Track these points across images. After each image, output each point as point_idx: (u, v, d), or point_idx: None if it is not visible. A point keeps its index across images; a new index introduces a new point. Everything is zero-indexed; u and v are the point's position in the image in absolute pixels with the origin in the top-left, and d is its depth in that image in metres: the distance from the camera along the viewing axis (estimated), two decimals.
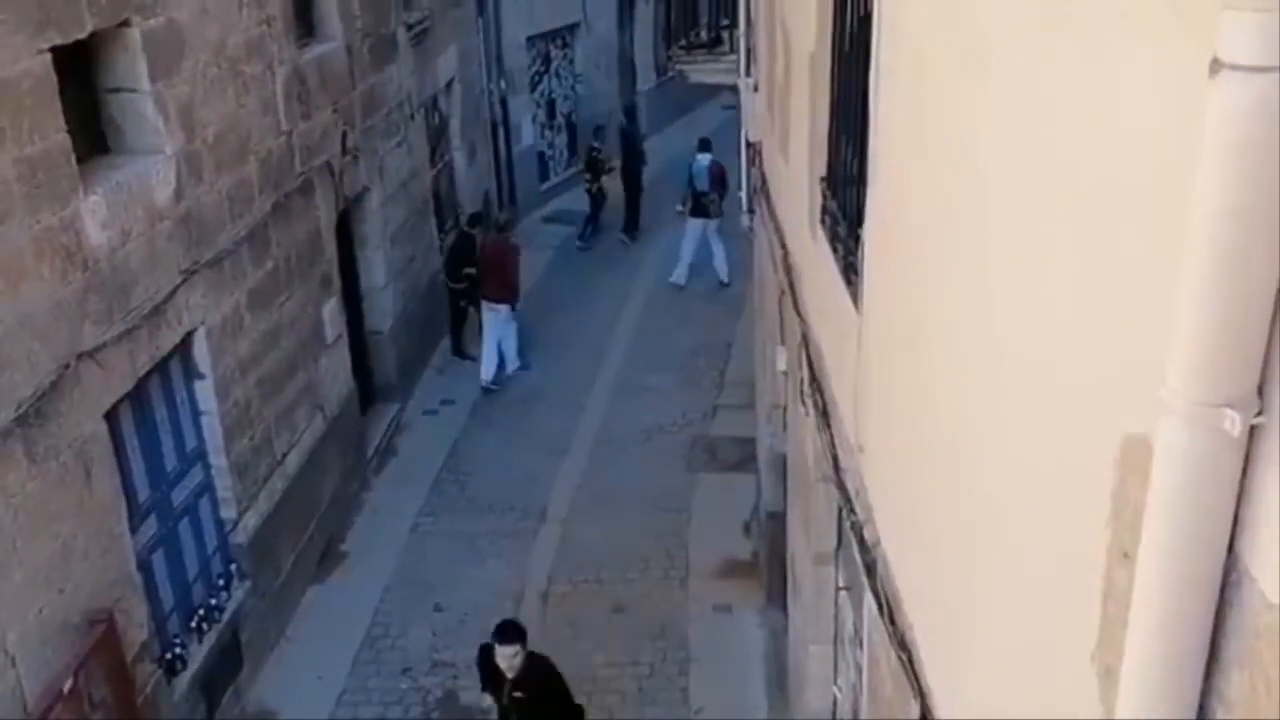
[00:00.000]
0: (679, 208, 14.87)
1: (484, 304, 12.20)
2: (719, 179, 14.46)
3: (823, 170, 4.81)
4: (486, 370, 12.19)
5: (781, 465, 7.55)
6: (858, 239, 3.90)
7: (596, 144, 15.92)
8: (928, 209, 2.82)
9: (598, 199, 16.09)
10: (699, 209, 14.57)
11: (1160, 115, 1.46)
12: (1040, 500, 1.94)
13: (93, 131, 6.65)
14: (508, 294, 12.15)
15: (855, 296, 3.95)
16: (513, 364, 12.43)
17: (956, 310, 2.51)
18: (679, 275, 14.58)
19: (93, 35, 6.19)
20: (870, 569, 3.48)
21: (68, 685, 5.58)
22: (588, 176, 16.08)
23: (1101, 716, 1.64)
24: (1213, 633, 1.34)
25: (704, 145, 14.78)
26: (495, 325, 12.20)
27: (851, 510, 3.94)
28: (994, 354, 2.22)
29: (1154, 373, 1.39)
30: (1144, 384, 1.45)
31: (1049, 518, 1.90)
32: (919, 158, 2.95)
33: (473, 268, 12.32)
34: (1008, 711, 2.14)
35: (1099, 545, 1.64)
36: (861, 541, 3.67)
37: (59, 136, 5.78)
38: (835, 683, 5.54)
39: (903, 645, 3.03)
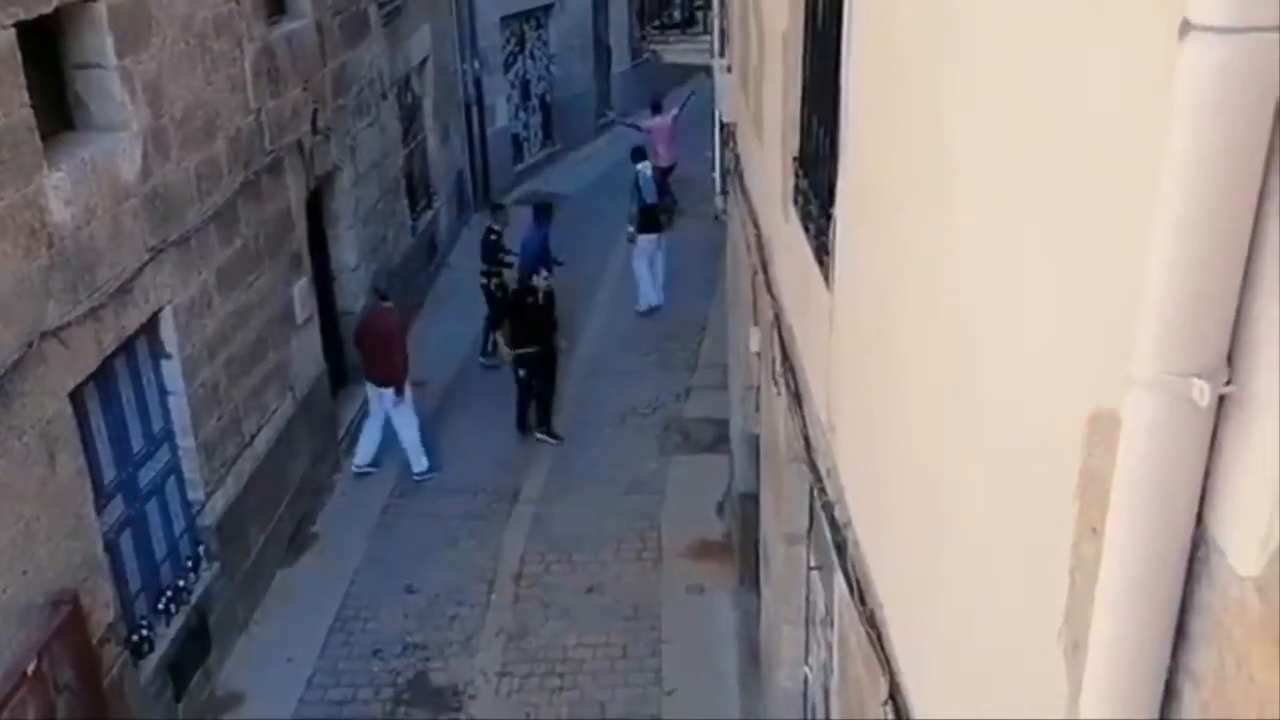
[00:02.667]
0: (630, 229, 13.42)
1: (368, 385, 10.26)
2: (667, 186, 13.49)
3: (795, 150, 4.79)
4: (363, 453, 10.37)
5: (754, 446, 7.55)
6: (830, 218, 3.88)
7: (496, 226, 12.42)
8: (899, 187, 2.80)
9: (496, 299, 12.18)
10: (651, 224, 13.24)
11: (1130, 84, 1.44)
12: (1008, 477, 1.94)
13: (58, 107, 6.54)
14: (392, 374, 10.00)
15: (827, 276, 3.93)
16: (418, 465, 10.26)
17: (927, 288, 2.50)
18: (646, 298, 13.35)
19: (58, 10, 6.08)
20: (840, 548, 3.48)
21: (31, 667, 5.52)
22: (483, 269, 12.37)
23: (1068, 691, 1.64)
24: (1181, 607, 1.33)
25: (639, 155, 13.65)
26: (382, 410, 10.22)
27: (823, 490, 3.94)
28: (963, 330, 2.21)
29: (1122, 346, 1.37)
30: (1112, 358, 1.44)
31: (1017, 494, 1.89)
32: (891, 135, 2.93)
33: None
34: (975, 687, 2.14)
35: (1067, 521, 1.63)
36: (832, 521, 3.67)
37: (23, 111, 5.68)
38: (806, 662, 5.56)
39: (872, 623, 3.03)
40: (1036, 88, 1.81)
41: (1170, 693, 1.36)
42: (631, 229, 13.44)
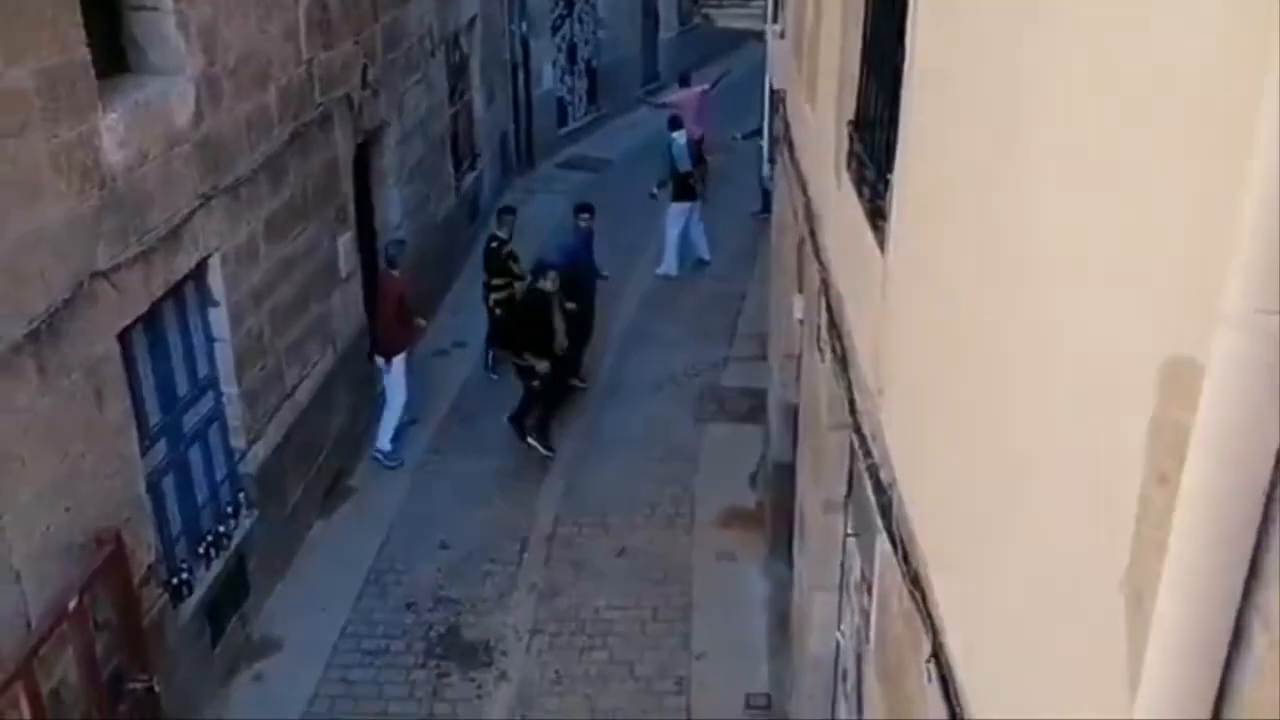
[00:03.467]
0: (654, 190, 13.90)
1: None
2: (700, 155, 13.85)
3: (851, 114, 4.73)
4: (383, 438, 10.08)
5: (792, 416, 7.52)
6: (886, 182, 3.84)
7: (500, 233, 11.11)
8: (964, 142, 2.76)
9: (496, 317, 11.07)
10: (685, 191, 13.53)
11: (1218, 28, 1.40)
12: (1072, 428, 1.91)
13: (113, 49, 6.58)
14: (383, 342, 9.97)
15: (881, 240, 3.89)
16: (381, 442, 10.02)
17: (993, 241, 2.46)
18: (668, 265, 13.67)
19: None
20: (885, 509, 3.46)
21: (73, 604, 5.60)
22: (485, 279, 11.25)
23: (1128, 640, 1.62)
24: (1254, 548, 1.31)
25: (675, 123, 13.82)
26: (386, 381, 10.12)
27: (867, 453, 3.92)
28: (1030, 281, 2.17)
29: (1201, 290, 1.35)
30: (1190, 302, 1.42)
31: (1081, 446, 1.87)
32: (957, 91, 2.88)
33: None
34: (1026, 641, 2.12)
35: (1134, 469, 1.61)
36: (877, 483, 3.66)
37: (79, 51, 5.72)
38: (839, 628, 5.56)
39: (915, 583, 3.02)
40: (1118, 26, 1.77)
41: (1239, 632, 1.34)
42: (655, 190, 13.83)
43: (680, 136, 13.56)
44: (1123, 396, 1.67)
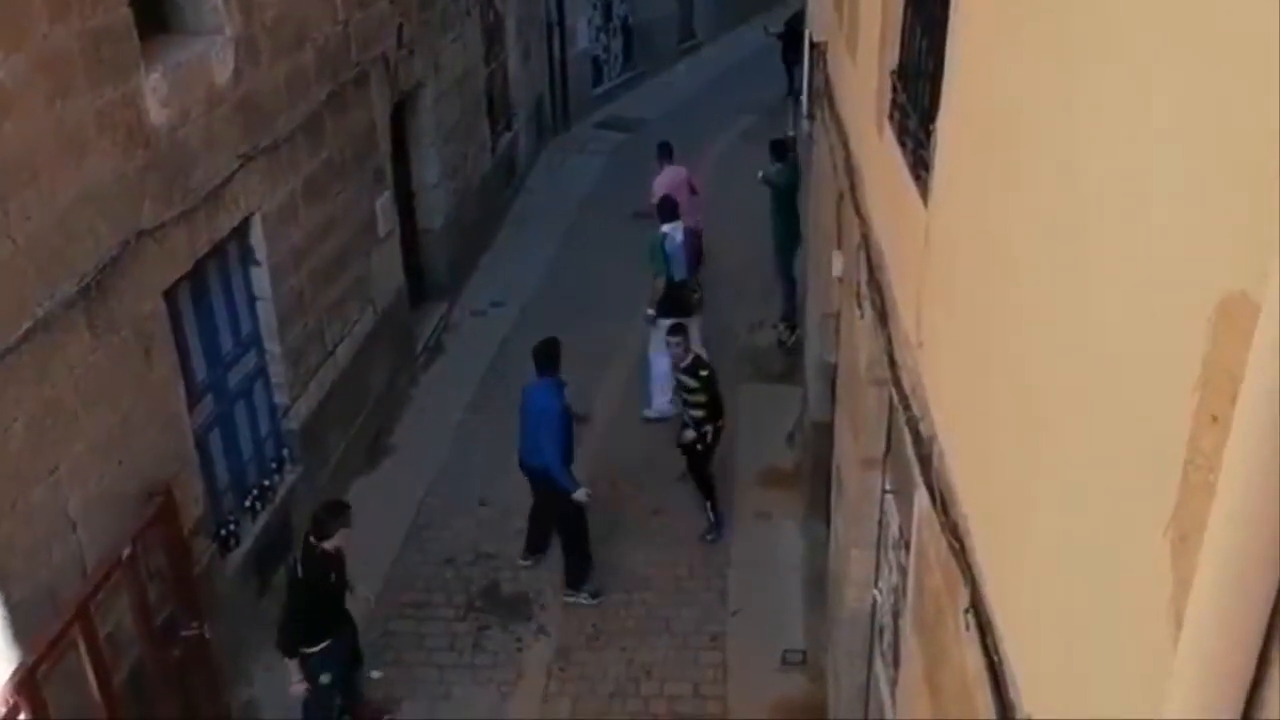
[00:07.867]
0: (649, 312, 10.07)
1: None
2: (699, 252, 10.28)
3: (894, 64, 4.69)
4: None
5: (830, 375, 7.51)
6: (929, 133, 3.81)
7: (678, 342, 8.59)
8: (1012, 88, 2.73)
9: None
10: (677, 306, 9.76)
11: None
12: (1121, 371, 1.90)
13: (154, 9, 6.62)
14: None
15: (924, 192, 3.87)
16: None
17: (1040, 187, 2.44)
18: (659, 405, 10.09)
19: None
20: (925, 462, 3.47)
21: (126, 553, 5.75)
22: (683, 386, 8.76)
23: (1172, 584, 1.63)
24: None
25: (668, 211, 9.95)
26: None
27: (907, 407, 3.92)
28: (1081, 226, 2.16)
29: (1259, 227, 1.34)
30: (1248, 239, 1.41)
31: (1128, 389, 1.86)
32: (1004, 36, 2.85)
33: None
34: (1067, 587, 2.14)
35: (1183, 412, 1.61)
36: (917, 436, 3.66)
37: (122, 11, 5.77)
38: (876, 585, 5.58)
39: (955, 534, 3.03)
40: None
41: None
42: (650, 311, 10.08)
43: (676, 231, 9.92)
44: (1174, 337, 1.66)
